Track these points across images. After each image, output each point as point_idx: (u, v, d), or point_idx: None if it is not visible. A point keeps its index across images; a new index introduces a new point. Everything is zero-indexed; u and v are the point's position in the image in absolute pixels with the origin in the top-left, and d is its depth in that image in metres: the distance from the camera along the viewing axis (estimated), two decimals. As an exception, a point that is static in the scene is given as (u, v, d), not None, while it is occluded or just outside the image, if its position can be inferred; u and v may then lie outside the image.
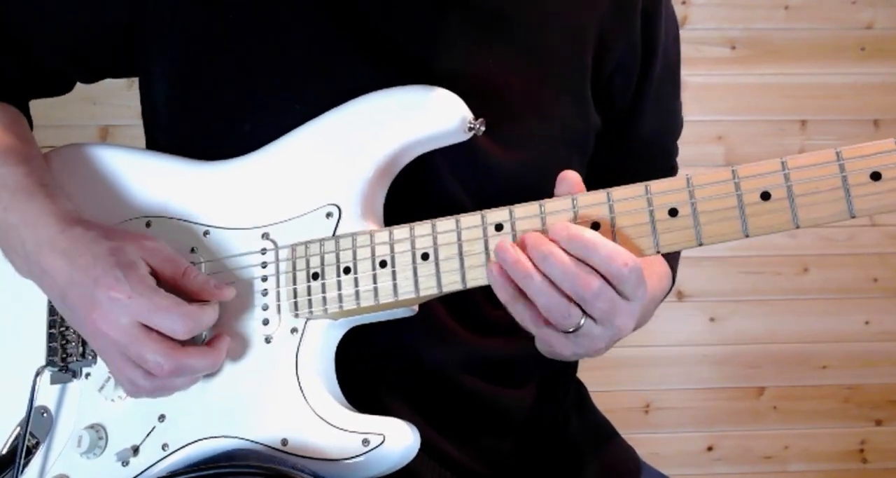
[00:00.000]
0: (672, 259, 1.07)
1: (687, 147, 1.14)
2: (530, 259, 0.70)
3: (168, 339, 0.76)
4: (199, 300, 0.79)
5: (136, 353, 0.76)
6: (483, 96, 0.84)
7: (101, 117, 2.26)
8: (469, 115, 0.81)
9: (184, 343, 0.78)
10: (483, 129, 0.81)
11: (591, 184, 0.76)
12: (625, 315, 0.72)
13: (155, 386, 0.79)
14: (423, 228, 0.77)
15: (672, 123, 1.08)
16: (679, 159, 1.10)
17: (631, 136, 1.01)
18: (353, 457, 0.76)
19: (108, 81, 1.01)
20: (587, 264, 0.70)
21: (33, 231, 0.81)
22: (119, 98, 2.19)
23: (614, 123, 0.98)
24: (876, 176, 0.65)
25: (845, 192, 0.65)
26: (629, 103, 0.99)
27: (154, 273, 0.79)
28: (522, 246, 0.71)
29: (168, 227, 0.88)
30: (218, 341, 0.81)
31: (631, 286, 0.71)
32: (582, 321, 0.71)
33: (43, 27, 0.93)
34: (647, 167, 1.03)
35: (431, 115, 0.81)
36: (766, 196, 0.67)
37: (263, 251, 0.84)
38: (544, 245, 0.70)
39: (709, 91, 2.39)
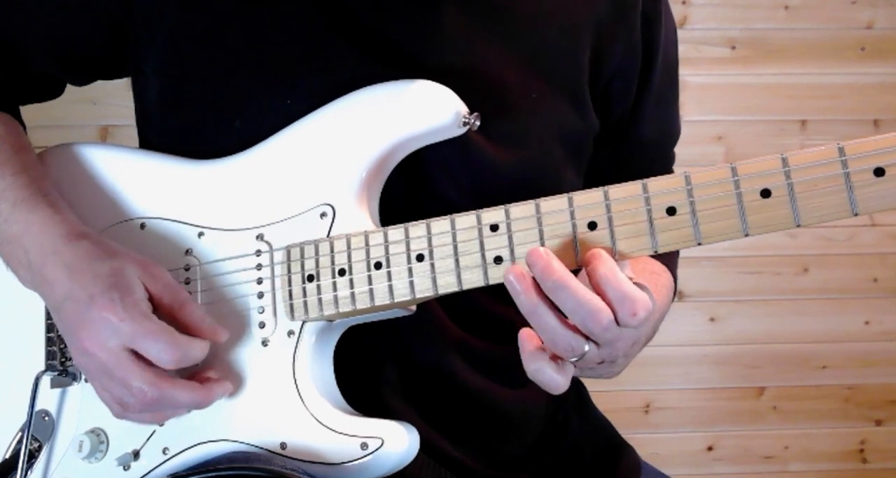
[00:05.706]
0: (672, 262, 1.06)
1: (687, 147, 1.13)
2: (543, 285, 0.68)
3: (154, 367, 0.76)
4: (192, 335, 0.78)
5: (120, 377, 0.75)
6: (478, 92, 0.83)
7: (101, 117, 2.25)
8: (463, 109, 0.80)
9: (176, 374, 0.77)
10: (478, 123, 0.80)
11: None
12: (626, 341, 0.72)
13: (143, 406, 0.77)
14: (418, 228, 0.76)
15: (672, 129, 1.07)
16: (679, 160, 1.09)
17: (631, 141, 1.00)
18: (351, 461, 0.76)
19: (109, 81, 1.00)
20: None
21: (38, 241, 0.81)
22: (119, 98, 2.17)
23: (614, 129, 0.97)
24: (879, 172, 0.63)
25: (847, 189, 0.63)
26: (629, 108, 0.97)
27: (152, 299, 0.78)
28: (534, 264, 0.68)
29: (163, 228, 0.87)
30: (213, 382, 0.80)
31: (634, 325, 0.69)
32: (586, 348, 0.70)
33: (31, 31, 0.92)
34: (645, 174, 1.03)
35: (425, 110, 0.80)
36: (766, 194, 0.65)
37: (258, 253, 0.83)
38: (556, 274, 0.67)
39: (709, 91, 2.38)
